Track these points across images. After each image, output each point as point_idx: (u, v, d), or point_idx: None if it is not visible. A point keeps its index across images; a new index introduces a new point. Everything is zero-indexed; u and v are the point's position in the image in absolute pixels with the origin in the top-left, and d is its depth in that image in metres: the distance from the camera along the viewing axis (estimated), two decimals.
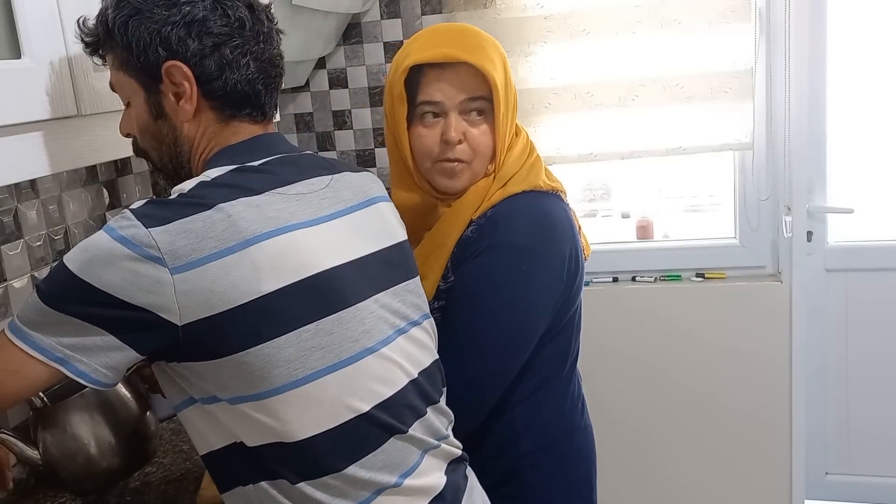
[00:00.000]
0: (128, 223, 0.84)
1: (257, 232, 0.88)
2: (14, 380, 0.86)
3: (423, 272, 1.20)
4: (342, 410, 0.93)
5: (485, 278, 1.18)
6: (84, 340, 0.84)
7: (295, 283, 0.90)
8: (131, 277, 0.83)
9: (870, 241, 2.37)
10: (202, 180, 0.92)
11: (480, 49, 1.19)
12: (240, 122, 0.99)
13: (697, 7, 2.03)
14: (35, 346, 0.85)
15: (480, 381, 1.19)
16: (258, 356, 0.87)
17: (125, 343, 0.85)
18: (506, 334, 1.19)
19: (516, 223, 1.19)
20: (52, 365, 0.85)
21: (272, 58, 1.00)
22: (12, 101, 0.89)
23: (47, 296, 0.85)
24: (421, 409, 1.02)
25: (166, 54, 0.92)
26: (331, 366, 0.92)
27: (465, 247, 1.22)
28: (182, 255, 0.84)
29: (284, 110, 2.34)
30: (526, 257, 1.17)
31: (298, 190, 0.96)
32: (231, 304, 0.85)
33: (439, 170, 1.23)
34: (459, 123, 1.20)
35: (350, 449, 0.94)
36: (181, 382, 0.91)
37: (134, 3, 0.92)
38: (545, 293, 1.20)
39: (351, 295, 0.96)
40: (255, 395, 0.88)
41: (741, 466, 2.29)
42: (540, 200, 1.23)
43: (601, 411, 2.23)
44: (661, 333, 2.27)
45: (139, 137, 1.01)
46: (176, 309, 0.84)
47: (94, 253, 0.84)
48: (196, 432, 0.95)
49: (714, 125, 2.09)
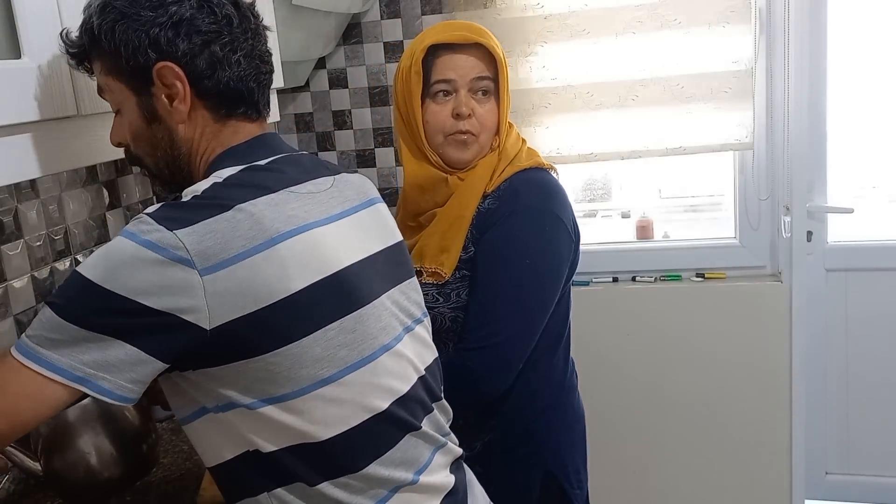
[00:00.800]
0: (150, 227, 0.82)
1: (281, 230, 0.88)
2: (31, 404, 0.82)
3: (444, 245, 1.33)
4: (364, 408, 0.93)
5: (513, 241, 1.30)
6: (107, 356, 0.81)
7: (320, 280, 0.89)
8: (160, 282, 0.80)
9: (870, 241, 2.37)
10: (215, 181, 0.90)
11: (488, 35, 1.36)
12: (237, 122, 0.98)
13: (697, 7, 2.03)
14: (52, 367, 0.80)
15: (514, 341, 1.29)
16: (287, 356, 0.86)
17: (151, 354, 0.82)
18: (535, 294, 1.30)
19: (534, 190, 1.33)
20: (73, 385, 0.81)
21: (262, 54, 0.99)
22: (12, 100, 0.89)
23: (65, 310, 0.81)
24: (429, 406, 1.04)
25: (156, 55, 0.91)
26: (354, 363, 0.92)
27: (486, 217, 1.33)
28: (211, 255, 0.82)
29: (284, 110, 2.34)
30: (549, 219, 1.31)
31: (309, 189, 0.96)
32: (261, 304, 0.84)
33: (451, 142, 1.36)
34: (469, 100, 1.34)
35: (371, 446, 0.94)
36: (194, 392, 0.89)
37: (119, 8, 0.91)
38: (562, 254, 1.33)
39: (368, 292, 0.96)
40: (280, 397, 0.87)
41: (741, 466, 2.29)
42: (542, 174, 1.38)
43: (601, 410, 2.23)
44: (661, 333, 2.27)
45: (132, 144, 0.99)
46: (206, 311, 0.82)
47: (117, 259, 0.81)
48: (207, 444, 0.93)
49: (714, 125, 2.09)
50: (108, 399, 0.82)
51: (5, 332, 1.32)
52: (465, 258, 1.33)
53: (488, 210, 1.33)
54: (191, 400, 0.90)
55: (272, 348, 0.86)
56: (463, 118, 1.33)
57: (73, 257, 1.49)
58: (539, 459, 1.40)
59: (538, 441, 1.40)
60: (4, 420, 0.82)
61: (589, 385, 1.45)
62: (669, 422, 2.31)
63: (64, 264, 1.47)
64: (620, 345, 2.30)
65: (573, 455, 1.44)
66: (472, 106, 1.34)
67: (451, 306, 1.33)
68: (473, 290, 1.31)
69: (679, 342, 2.27)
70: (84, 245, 1.53)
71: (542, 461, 1.40)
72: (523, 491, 1.39)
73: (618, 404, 2.32)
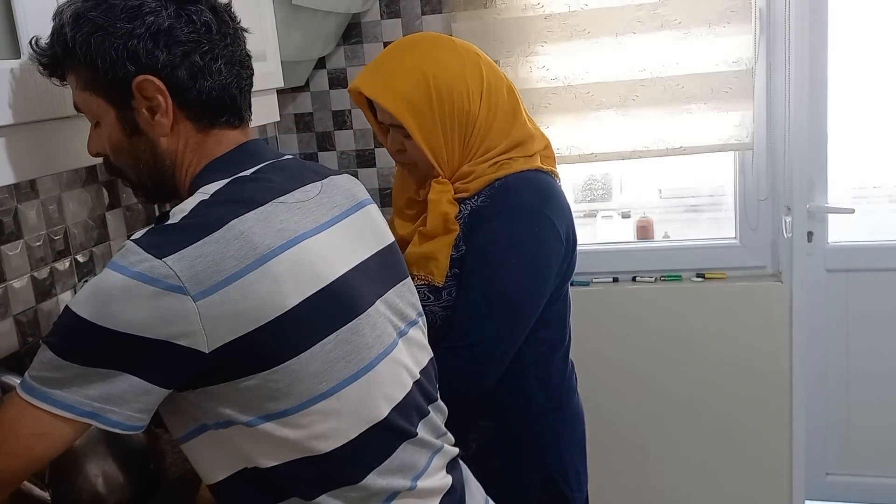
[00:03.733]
0: (138, 257, 0.80)
1: (272, 246, 0.86)
2: (43, 443, 0.81)
3: (429, 254, 1.32)
4: (363, 419, 0.92)
5: (501, 240, 1.29)
6: (111, 388, 0.80)
7: (314, 294, 0.88)
8: (153, 313, 0.79)
9: (870, 241, 2.37)
10: (202, 199, 0.88)
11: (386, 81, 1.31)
12: (220, 130, 0.95)
13: (697, 7, 2.03)
14: (60, 404, 0.80)
15: (495, 341, 1.28)
16: (285, 373, 0.85)
17: (153, 383, 0.82)
18: (521, 292, 1.29)
19: (525, 190, 1.32)
20: (83, 420, 0.81)
21: (242, 59, 0.96)
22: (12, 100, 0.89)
23: (63, 350, 0.80)
24: (425, 409, 1.04)
25: (135, 69, 0.87)
26: (352, 375, 0.91)
27: (476, 214, 1.32)
28: (203, 279, 0.80)
29: (284, 110, 2.34)
30: (537, 219, 1.29)
31: (297, 198, 0.94)
32: (258, 323, 0.83)
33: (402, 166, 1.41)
34: (395, 139, 1.36)
35: (369, 457, 0.93)
36: (193, 410, 0.88)
37: (94, 20, 0.87)
38: (553, 254, 1.31)
39: (362, 301, 0.95)
40: (279, 413, 0.87)
41: (741, 467, 2.29)
42: (542, 176, 1.36)
43: (601, 411, 2.23)
44: (661, 334, 2.27)
45: (112, 156, 0.96)
46: (203, 336, 0.81)
47: (108, 295, 0.79)
48: (206, 461, 0.92)
49: (714, 125, 2.09)
50: (119, 430, 0.82)
51: (5, 332, 1.31)
52: (455, 257, 1.32)
53: (479, 208, 1.32)
54: (190, 418, 0.89)
55: (271, 366, 0.85)
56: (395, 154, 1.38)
57: (72, 257, 1.49)
58: (539, 461, 1.39)
59: (538, 443, 1.39)
60: (21, 461, 0.83)
61: (588, 385, 1.44)
62: (669, 422, 2.31)
63: (64, 264, 1.47)
64: (620, 345, 2.29)
65: (573, 456, 1.43)
66: (400, 142, 1.36)
67: (443, 304, 1.33)
68: (460, 289, 1.31)
69: (679, 342, 2.27)
70: (84, 245, 1.53)
71: (542, 463, 1.39)
72: (523, 493, 1.39)
73: (617, 404, 2.32)
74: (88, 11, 0.87)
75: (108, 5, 0.87)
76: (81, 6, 0.88)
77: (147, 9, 0.88)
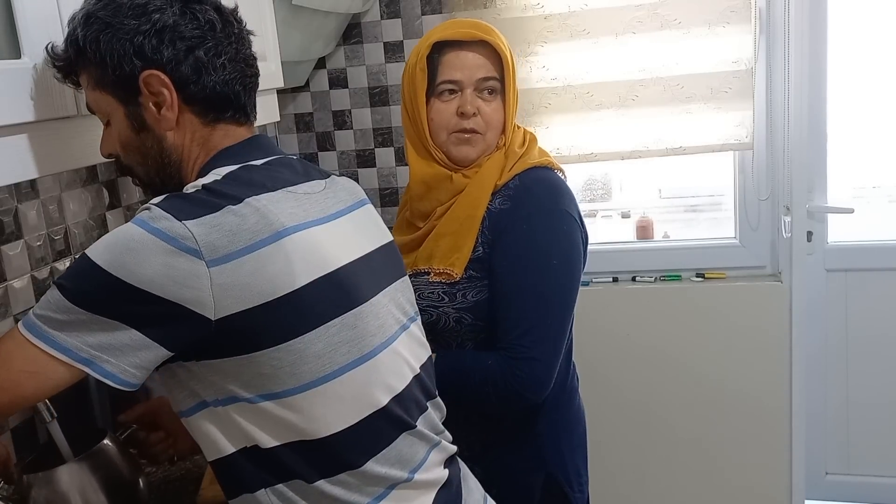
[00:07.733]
0: (159, 214, 0.83)
1: (286, 225, 0.89)
2: (34, 381, 0.83)
3: (455, 244, 1.32)
4: (364, 405, 0.94)
5: (535, 245, 1.29)
6: (112, 339, 0.82)
7: (321, 277, 0.90)
8: (166, 271, 0.81)
9: (870, 241, 2.37)
10: (215, 178, 0.91)
11: (495, 33, 1.35)
12: (226, 125, 0.98)
13: (697, 7, 2.03)
14: (58, 346, 0.82)
15: (556, 345, 1.30)
16: (289, 352, 0.87)
17: (155, 341, 0.83)
18: (565, 294, 1.31)
19: (545, 190, 1.33)
20: (77, 366, 0.82)
21: (246, 58, 1.00)
22: (12, 101, 0.89)
23: (72, 293, 0.82)
24: (423, 404, 1.05)
25: (142, 64, 0.91)
26: (354, 360, 0.93)
27: (499, 217, 1.32)
28: (219, 247, 0.83)
29: (284, 110, 2.34)
30: (564, 218, 1.31)
31: (305, 190, 0.97)
32: (266, 298, 0.85)
33: (455, 140, 1.36)
34: (474, 99, 1.34)
35: (369, 443, 0.95)
36: (195, 385, 0.89)
37: (102, 18, 0.91)
38: (580, 250, 1.34)
39: (366, 290, 0.97)
40: (281, 393, 0.88)
41: (741, 467, 2.29)
42: (552, 173, 1.38)
43: (601, 411, 2.23)
44: (660, 334, 2.27)
45: (122, 154, 0.99)
46: (211, 303, 0.82)
47: (125, 247, 0.82)
48: (206, 438, 0.93)
49: (714, 125, 2.09)
50: (111, 382, 0.83)
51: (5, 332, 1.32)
52: (474, 258, 1.32)
53: (500, 210, 1.32)
54: (191, 393, 0.91)
55: (275, 343, 0.86)
56: (468, 117, 1.34)
57: (72, 257, 1.49)
58: (540, 462, 1.40)
59: (539, 443, 1.40)
60: (6, 394, 0.84)
61: (589, 385, 1.44)
62: (669, 422, 2.31)
63: (64, 264, 1.47)
64: (620, 345, 2.30)
65: (574, 457, 1.44)
66: (477, 104, 1.34)
67: (457, 307, 1.32)
68: (501, 296, 1.29)
69: (679, 342, 2.27)
70: (84, 245, 1.53)
71: (544, 464, 1.40)
72: (524, 493, 1.39)
73: (617, 404, 2.32)
74: (98, 11, 0.92)
75: (115, 4, 0.91)
76: (92, 7, 0.93)
77: (153, 7, 0.92)
